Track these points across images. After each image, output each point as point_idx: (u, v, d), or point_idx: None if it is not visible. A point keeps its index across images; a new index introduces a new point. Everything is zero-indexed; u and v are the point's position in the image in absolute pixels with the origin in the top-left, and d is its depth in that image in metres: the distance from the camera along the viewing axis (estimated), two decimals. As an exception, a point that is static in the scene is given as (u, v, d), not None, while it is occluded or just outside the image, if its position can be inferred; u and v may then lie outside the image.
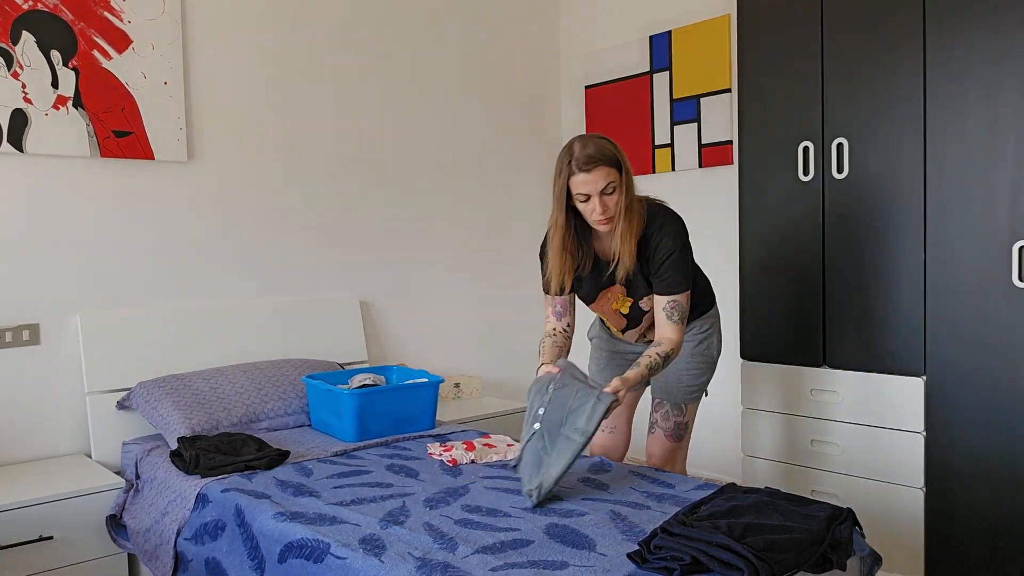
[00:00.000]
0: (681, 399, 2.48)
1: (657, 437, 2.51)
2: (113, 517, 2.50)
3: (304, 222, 3.44)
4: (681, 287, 2.23)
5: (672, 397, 2.48)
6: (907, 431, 2.63)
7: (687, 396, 2.48)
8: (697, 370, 2.47)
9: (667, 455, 2.52)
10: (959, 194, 2.48)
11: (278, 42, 3.36)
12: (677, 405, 2.48)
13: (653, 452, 2.53)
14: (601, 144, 2.15)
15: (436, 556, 1.70)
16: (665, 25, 3.84)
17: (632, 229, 2.19)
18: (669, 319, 2.24)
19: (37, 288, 2.81)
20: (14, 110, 2.72)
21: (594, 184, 2.13)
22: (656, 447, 2.52)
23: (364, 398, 2.68)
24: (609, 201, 2.16)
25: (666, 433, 2.50)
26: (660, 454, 2.52)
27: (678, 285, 2.23)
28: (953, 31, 2.47)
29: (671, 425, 2.49)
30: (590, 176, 2.13)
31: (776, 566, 1.58)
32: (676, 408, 2.48)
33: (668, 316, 2.24)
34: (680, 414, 2.48)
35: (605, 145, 2.15)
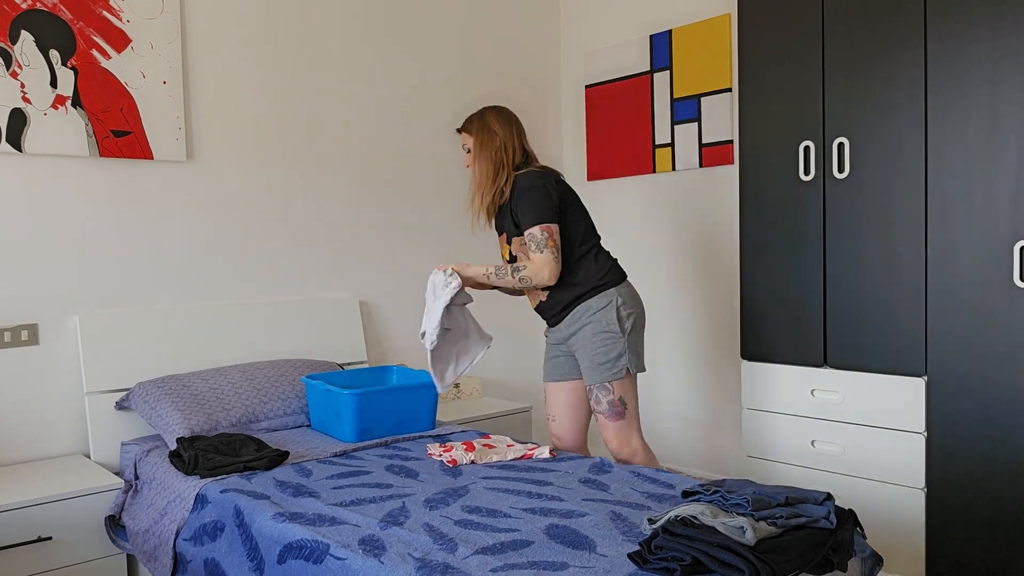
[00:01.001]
0: (602, 378, 2.60)
1: (601, 423, 2.67)
2: (112, 518, 2.50)
3: (304, 222, 3.44)
4: (531, 221, 2.57)
5: (593, 378, 2.62)
6: (908, 431, 2.63)
7: (607, 374, 2.60)
8: (604, 346, 2.60)
9: (618, 438, 2.64)
10: (960, 194, 2.48)
11: (277, 42, 3.35)
12: (602, 384, 2.61)
13: (606, 439, 2.68)
14: (474, 114, 2.77)
15: (436, 557, 1.69)
16: (665, 24, 3.84)
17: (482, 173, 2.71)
18: (529, 248, 2.58)
19: (36, 288, 2.80)
20: (13, 110, 2.72)
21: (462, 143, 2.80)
22: (605, 432, 2.67)
23: (364, 398, 2.67)
24: (467, 158, 2.77)
25: (605, 415, 2.63)
26: (611, 439, 2.66)
27: (529, 219, 2.57)
28: (954, 31, 2.46)
29: (605, 406, 2.62)
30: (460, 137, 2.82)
31: (777, 567, 1.57)
32: (602, 388, 2.61)
33: (528, 247, 2.59)
34: (608, 392, 2.61)
35: (474, 116, 2.76)
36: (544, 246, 2.55)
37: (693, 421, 3.84)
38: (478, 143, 2.72)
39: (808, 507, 1.76)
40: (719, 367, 3.72)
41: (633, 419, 2.64)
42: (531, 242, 2.57)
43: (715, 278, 3.71)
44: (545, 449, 2.51)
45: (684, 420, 3.88)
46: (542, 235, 2.55)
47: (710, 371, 3.77)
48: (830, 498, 1.83)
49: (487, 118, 2.74)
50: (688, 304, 3.84)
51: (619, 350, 2.60)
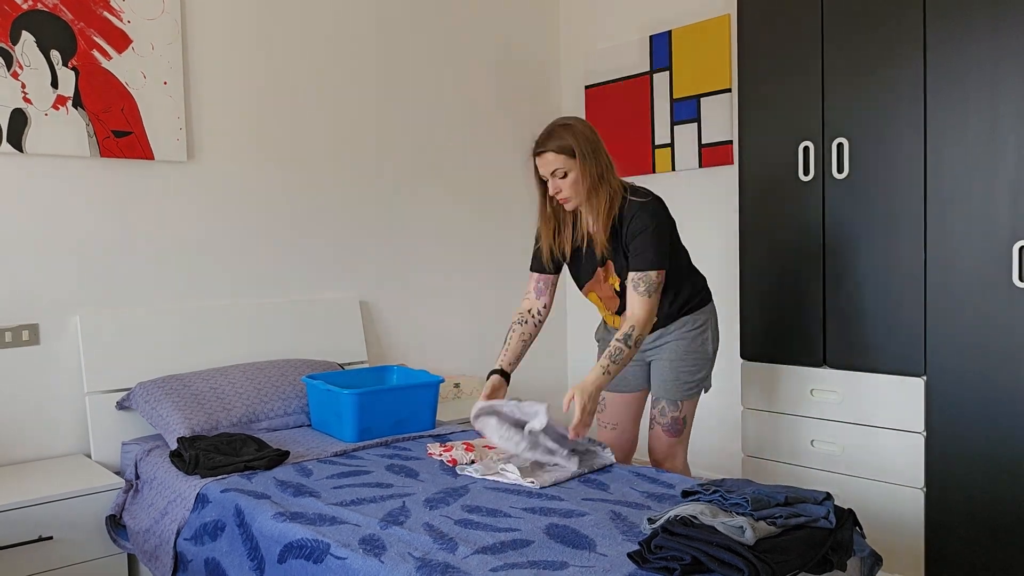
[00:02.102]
0: (678, 396, 2.52)
1: (656, 433, 2.56)
2: (113, 517, 2.50)
3: (304, 222, 3.44)
4: (651, 264, 2.31)
5: (669, 394, 2.52)
6: (907, 431, 2.63)
7: (684, 393, 2.51)
8: (693, 366, 2.51)
9: (667, 451, 2.56)
10: (959, 194, 2.48)
11: (277, 42, 3.36)
12: (674, 402, 2.52)
13: (654, 448, 2.58)
14: (556, 130, 2.31)
15: (436, 556, 1.69)
16: (665, 25, 3.84)
17: (599, 209, 2.33)
18: (635, 290, 2.32)
19: (37, 288, 2.81)
20: (14, 110, 2.72)
21: (544, 168, 2.33)
22: (656, 443, 2.57)
23: (364, 398, 2.68)
24: (562, 184, 2.32)
25: (664, 429, 2.54)
26: (660, 449, 2.56)
27: (648, 261, 2.31)
28: (954, 31, 2.46)
29: (668, 421, 2.53)
30: (540, 160, 2.34)
31: (777, 567, 1.57)
32: (672, 404, 2.52)
33: (635, 287, 2.32)
34: (677, 410, 2.53)
35: (558, 131, 2.31)
36: (653, 291, 2.32)
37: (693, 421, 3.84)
38: (583, 164, 2.29)
39: (807, 507, 1.77)
40: (719, 367, 3.73)
41: (686, 438, 2.58)
42: (642, 283, 2.31)
43: (715, 278, 3.71)
44: None
45: (684, 420, 3.88)
46: (657, 280, 2.32)
47: (710, 371, 3.77)
48: (829, 498, 1.83)
49: (578, 129, 2.31)
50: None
51: (705, 372, 2.53)
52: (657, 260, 2.32)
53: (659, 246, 2.32)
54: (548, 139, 2.31)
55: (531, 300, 2.56)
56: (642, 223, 2.32)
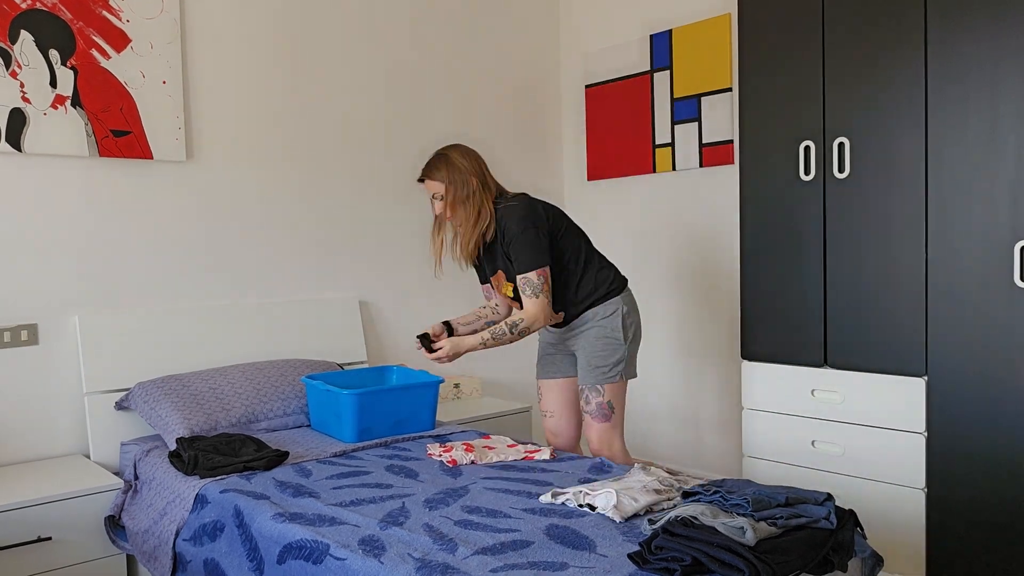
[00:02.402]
0: (595, 380, 2.65)
1: (587, 422, 2.71)
2: (112, 518, 2.50)
3: (303, 222, 3.44)
4: (527, 265, 2.54)
5: (587, 380, 2.67)
6: (908, 431, 2.63)
7: (600, 377, 2.65)
8: (604, 351, 2.65)
9: (600, 438, 2.69)
10: (960, 194, 2.48)
11: (277, 42, 3.35)
12: (594, 387, 2.65)
13: (589, 438, 2.72)
14: (433, 161, 2.64)
15: (436, 557, 1.69)
16: (666, 24, 3.83)
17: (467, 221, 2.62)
18: (524, 294, 2.57)
19: (35, 288, 2.80)
20: (12, 109, 2.71)
21: (427, 191, 2.73)
22: (588, 432, 2.73)
23: (364, 398, 2.67)
24: (437, 204, 2.66)
25: (592, 416, 2.68)
26: (594, 439, 2.70)
27: (524, 263, 2.54)
28: (954, 31, 2.46)
29: (593, 407, 2.67)
30: (424, 185, 2.71)
31: (777, 567, 1.57)
32: (594, 390, 2.66)
33: (523, 291, 2.57)
34: (599, 395, 2.66)
35: (438, 161, 2.63)
36: (539, 291, 2.55)
37: (693, 421, 3.84)
38: (452, 189, 2.60)
39: (808, 507, 1.76)
40: (719, 367, 3.72)
41: (618, 424, 2.70)
42: (527, 287, 2.55)
43: (715, 278, 3.71)
44: (547, 451, 2.51)
45: (684, 420, 3.88)
46: (538, 280, 2.55)
47: (710, 371, 3.76)
48: (830, 498, 1.83)
49: (452, 158, 2.62)
50: (688, 304, 3.84)
51: (618, 356, 2.66)
52: (532, 260, 2.53)
53: (532, 247, 2.54)
54: (427, 168, 2.65)
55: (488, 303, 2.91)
56: (512, 230, 2.56)
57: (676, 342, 3.89)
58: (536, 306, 2.54)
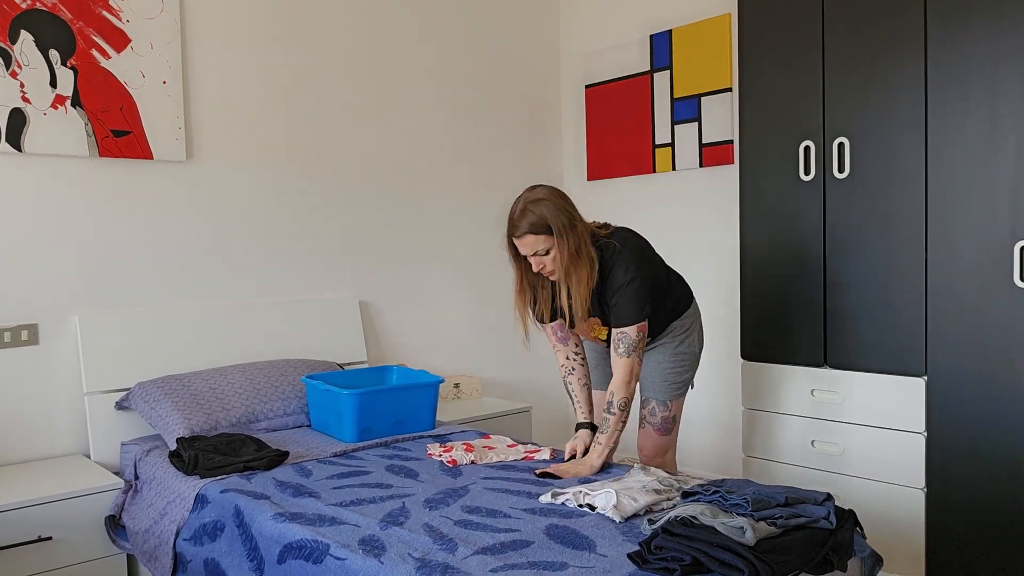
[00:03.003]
0: (667, 396, 2.57)
1: (646, 432, 2.60)
2: (112, 518, 2.50)
3: (303, 222, 3.44)
4: (628, 320, 2.31)
5: (658, 394, 2.57)
6: (908, 431, 2.63)
7: (672, 393, 2.57)
8: (680, 367, 2.56)
9: (657, 449, 2.62)
10: (960, 194, 2.48)
11: (277, 42, 3.35)
12: (663, 402, 2.57)
13: (643, 446, 2.63)
14: (533, 212, 2.25)
15: (436, 557, 1.69)
16: (666, 24, 3.84)
17: (580, 279, 2.29)
18: (615, 351, 2.34)
19: (36, 288, 2.80)
20: (12, 109, 2.72)
21: (525, 249, 2.29)
22: (646, 441, 2.62)
23: (364, 398, 2.67)
24: (546, 260, 2.28)
25: (655, 428, 2.59)
26: (650, 447, 2.62)
27: (626, 318, 2.32)
28: (954, 31, 2.46)
29: (658, 420, 2.58)
30: (520, 242, 2.29)
31: (777, 567, 1.57)
32: (662, 404, 2.57)
33: (615, 348, 2.34)
34: (666, 409, 2.58)
35: (537, 213, 2.24)
36: (633, 350, 2.32)
37: (693, 421, 3.84)
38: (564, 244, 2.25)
39: (808, 507, 1.76)
40: (719, 367, 3.72)
41: (676, 435, 2.63)
42: (621, 343, 2.32)
43: (715, 278, 3.71)
44: (546, 451, 2.51)
45: (684, 420, 3.88)
46: (636, 337, 2.32)
47: (710, 371, 3.77)
48: (830, 498, 1.83)
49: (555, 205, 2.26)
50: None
51: (691, 373, 2.58)
52: (636, 316, 2.31)
53: (639, 301, 2.31)
54: (523, 220, 2.26)
55: (561, 348, 2.54)
56: (620, 279, 2.31)
57: (676, 342, 3.89)
58: (626, 367, 2.32)
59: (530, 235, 2.25)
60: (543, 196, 2.27)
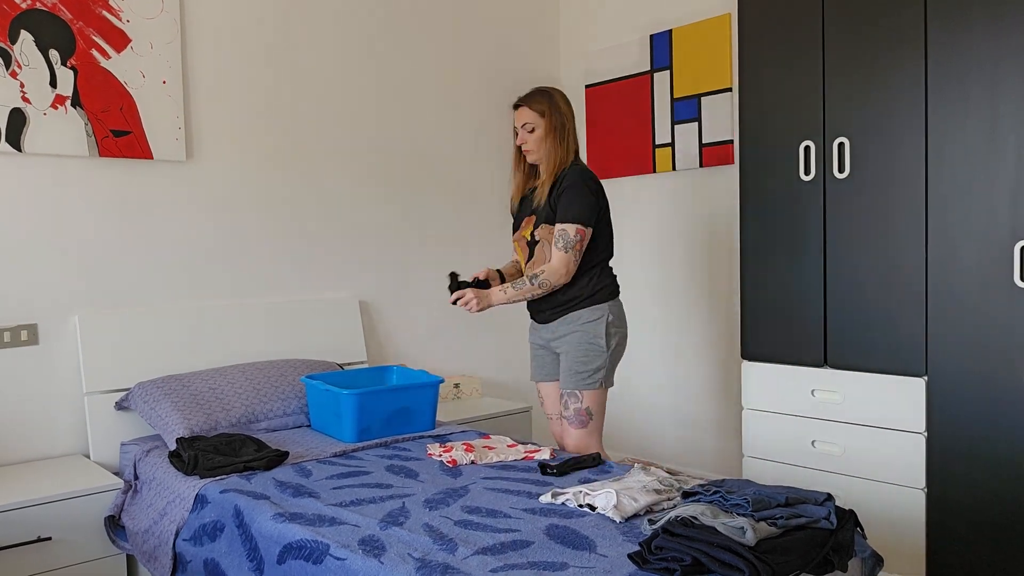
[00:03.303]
0: (574, 385, 2.64)
1: (564, 428, 2.70)
2: (112, 518, 2.50)
3: (303, 222, 3.44)
4: (571, 217, 2.55)
5: (566, 384, 2.66)
6: (908, 431, 2.63)
7: (580, 382, 2.63)
8: (584, 356, 2.64)
9: (577, 444, 2.68)
10: (960, 194, 2.48)
11: (277, 42, 3.35)
12: (573, 392, 2.64)
13: (565, 444, 2.71)
14: (537, 90, 2.68)
15: (436, 557, 1.69)
16: (666, 24, 3.83)
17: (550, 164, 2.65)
18: (555, 245, 2.57)
19: (35, 288, 2.80)
20: (12, 109, 2.71)
21: (518, 120, 2.70)
22: (566, 438, 2.70)
23: (364, 398, 2.67)
24: (528, 137, 2.66)
25: (569, 422, 2.67)
26: (570, 444, 2.69)
27: (569, 215, 2.55)
28: (954, 31, 2.46)
29: (571, 413, 2.66)
30: (516, 113, 2.72)
31: (777, 567, 1.57)
32: (572, 396, 2.65)
33: (555, 242, 2.58)
34: (577, 400, 2.64)
35: (538, 93, 2.67)
36: (571, 247, 2.55)
37: (693, 421, 3.84)
38: (549, 124, 2.64)
39: (808, 507, 1.76)
40: (719, 367, 3.72)
41: (595, 431, 2.68)
42: (561, 238, 2.55)
43: (715, 278, 3.71)
44: (546, 451, 2.51)
45: (684, 420, 3.88)
46: (575, 236, 2.55)
47: (710, 371, 3.76)
48: (830, 498, 1.83)
49: (556, 99, 2.67)
50: (688, 304, 3.84)
51: (599, 363, 2.64)
52: (578, 215, 2.54)
53: (584, 203, 2.55)
54: (528, 97, 2.68)
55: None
56: (571, 180, 2.58)
57: (676, 342, 3.89)
58: (562, 260, 2.55)
59: (525, 108, 2.67)
60: (552, 89, 2.69)
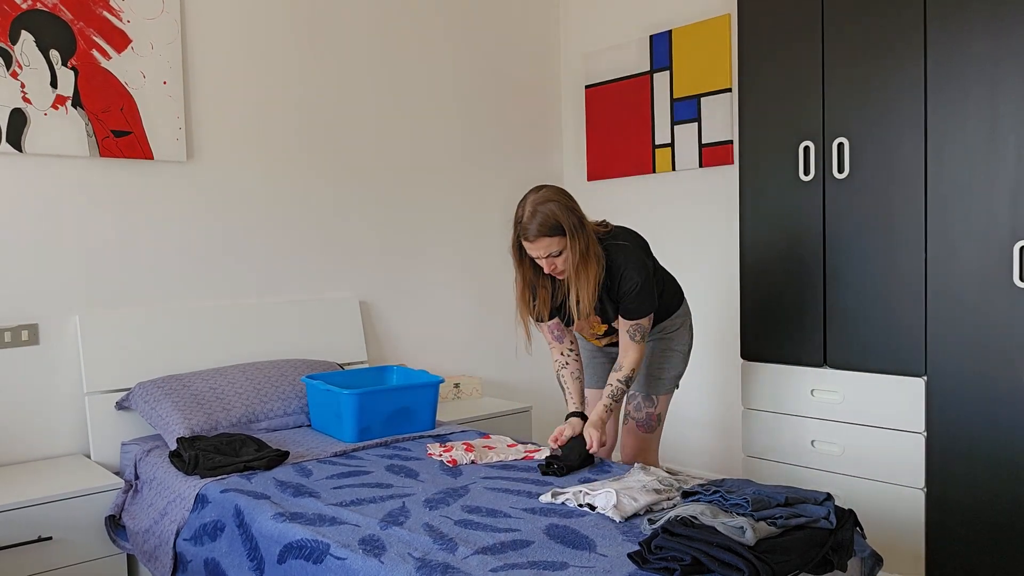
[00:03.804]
0: (653, 391, 2.59)
1: (630, 428, 2.62)
2: (112, 518, 2.50)
3: (304, 222, 3.44)
4: (643, 313, 2.38)
5: (644, 389, 2.59)
6: (908, 431, 2.63)
7: (660, 388, 2.59)
8: (668, 363, 2.59)
9: (640, 445, 2.63)
10: (960, 194, 2.48)
11: (277, 42, 3.35)
12: (649, 397, 2.59)
13: (627, 443, 2.64)
14: (546, 214, 2.24)
15: (436, 557, 1.69)
16: (665, 25, 3.84)
17: (589, 277, 2.31)
18: (631, 339, 2.40)
19: (36, 288, 2.80)
20: (13, 110, 2.72)
21: (538, 251, 2.28)
22: (629, 438, 2.63)
23: (364, 398, 2.67)
24: (557, 261, 2.29)
25: (639, 424, 2.61)
26: (633, 444, 2.63)
27: (642, 312, 2.38)
28: (954, 31, 2.46)
29: (643, 416, 2.60)
30: (533, 245, 2.28)
31: (777, 567, 1.57)
32: (648, 400, 2.59)
33: (631, 337, 2.40)
34: (652, 405, 2.59)
35: (550, 214, 2.24)
36: (646, 334, 2.41)
37: (693, 421, 3.84)
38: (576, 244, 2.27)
39: (808, 507, 1.77)
40: (719, 367, 3.72)
41: (659, 434, 2.64)
42: (637, 332, 2.40)
43: (715, 278, 3.71)
44: (546, 451, 2.51)
45: (684, 420, 3.88)
46: (648, 325, 2.41)
47: (710, 371, 3.77)
48: (830, 498, 1.83)
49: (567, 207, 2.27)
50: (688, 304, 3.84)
51: (681, 369, 2.61)
52: (649, 308, 2.38)
53: (649, 297, 2.37)
54: (534, 223, 2.25)
55: (556, 346, 2.55)
56: (632, 281, 2.34)
57: (676, 342, 3.89)
58: (639, 351, 2.40)
59: (544, 238, 2.25)
60: (551, 197, 2.27)
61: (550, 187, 2.32)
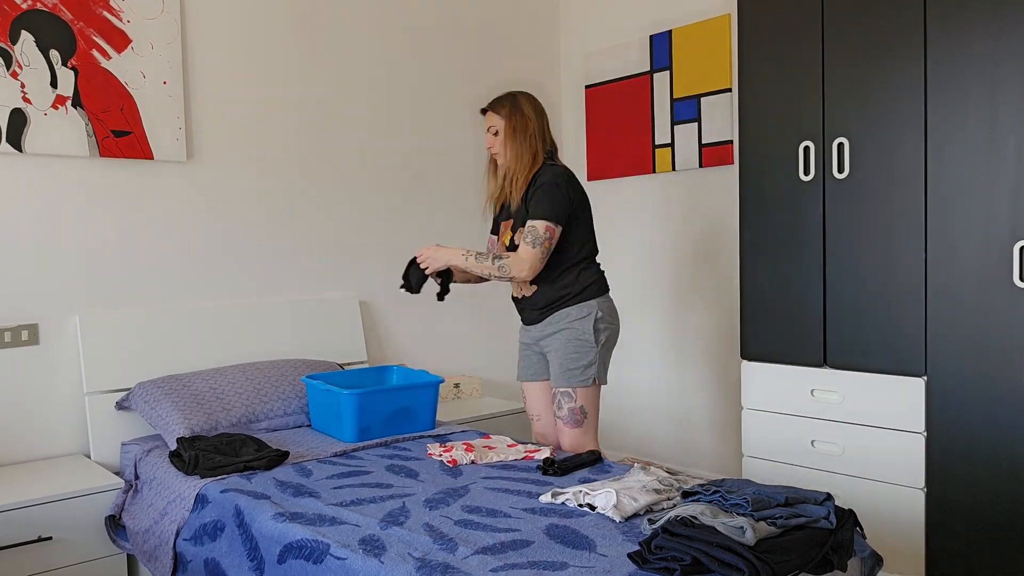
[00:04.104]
0: (567, 383, 2.61)
1: (559, 428, 2.66)
2: (112, 518, 2.50)
3: (304, 221, 3.44)
4: (540, 214, 2.54)
5: (558, 382, 2.63)
6: (908, 431, 2.63)
7: (573, 380, 2.61)
8: (575, 353, 2.61)
9: (573, 444, 2.65)
10: (960, 194, 2.48)
11: (277, 42, 3.35)
12: (566, 392, 2.62)
13: (561, 443, 2.68)
14: (504, 96, 2.71)
15: (436, 557, 1.69)
16: (665, 25, 3.84)
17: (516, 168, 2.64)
18: (524, 239, 2.56)
19: (36, 288, 2.81)
20: (13, 110, 2.72)
21: (485, 124, 2.74)
22: (561, 438, 2.67)
23: (364, 398, 2.67)
24: (494, 140, 2.69)
25: (564, 421, 2.64)
26: (566, 443, 2.66)
27: (538, 212, 2.54)
28: (954, 31, 2.46)
29: (565, 412, 2.63)
30: (484, 117, 2.75)
31: (777, 567, 1.57)
32: (566, 395, 2.62)
33: (524, 237, 2.56)
34: (571, 400, 2.62)
35: (505, 98, 2.69)
36: (539, 243, 2.53)
37: (693, 421, 3.84)
38: (510, 127, 2.65)
39: (808, 507, 1.77)
40: (719, 367, 3.72)
41: (591, 429, 2.66)
42: (529, 233, 2.54)
43: (715, 278, 3.71)
44: (546, 451, 2.52)
45: (684, 420, 3.88)
46: (544, 233, 2.53)
47: (710, 371, 3.77)
48: (830, 498, 1.83)
49: (520, 102, 2.68)
50: (688, 304, 3.84)
51: (589, 359, 2.62)
52: (548, 213, 2.53)
53: (555, 202, 2.54)
54: (493, 101, 2.72)
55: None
56: (543, 179, 2.58)
57: (676, 342, 3.89)
58: (528, 255, 2.53)
59: (491, 112, 2.70)
60: (518, 93, 2.71)
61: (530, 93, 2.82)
